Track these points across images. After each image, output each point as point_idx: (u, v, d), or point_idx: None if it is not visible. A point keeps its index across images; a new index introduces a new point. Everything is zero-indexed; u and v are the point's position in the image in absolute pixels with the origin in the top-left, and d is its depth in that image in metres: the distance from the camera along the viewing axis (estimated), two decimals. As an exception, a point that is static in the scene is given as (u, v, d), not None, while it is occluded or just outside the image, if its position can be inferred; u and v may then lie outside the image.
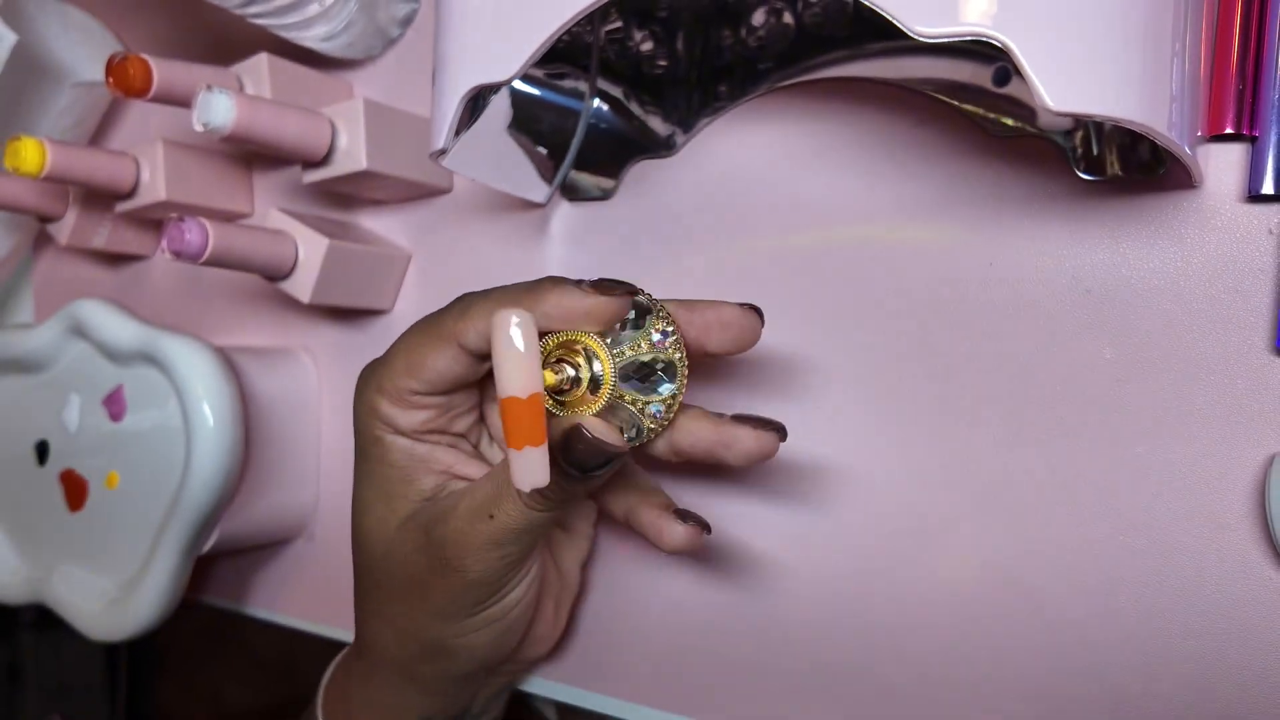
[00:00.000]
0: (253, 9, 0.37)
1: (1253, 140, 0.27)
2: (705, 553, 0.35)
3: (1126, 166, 0.28)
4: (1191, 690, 0.27)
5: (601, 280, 0.24)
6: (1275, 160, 0.26)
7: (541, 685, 0.39)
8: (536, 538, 0.28)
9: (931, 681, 0.31)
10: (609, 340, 0.25)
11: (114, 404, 0.43)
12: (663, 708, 0.36)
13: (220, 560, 0.50)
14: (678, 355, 0.26)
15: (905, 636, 0.32)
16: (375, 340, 0.44)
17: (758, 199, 0.35)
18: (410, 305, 0.43)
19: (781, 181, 0.34)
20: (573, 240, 0.39)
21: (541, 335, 0.24)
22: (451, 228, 0.42)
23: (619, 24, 0.36)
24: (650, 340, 0.25)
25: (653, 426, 0.26)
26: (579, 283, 0.24)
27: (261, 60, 0.41)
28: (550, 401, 0.26)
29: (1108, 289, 0.29)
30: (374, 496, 0.29)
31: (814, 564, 0.33)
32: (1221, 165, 0.27)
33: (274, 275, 0.40)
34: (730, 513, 0.35)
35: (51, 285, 0.59)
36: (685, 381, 0.26)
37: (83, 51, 0.49)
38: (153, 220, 0.51)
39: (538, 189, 0.37)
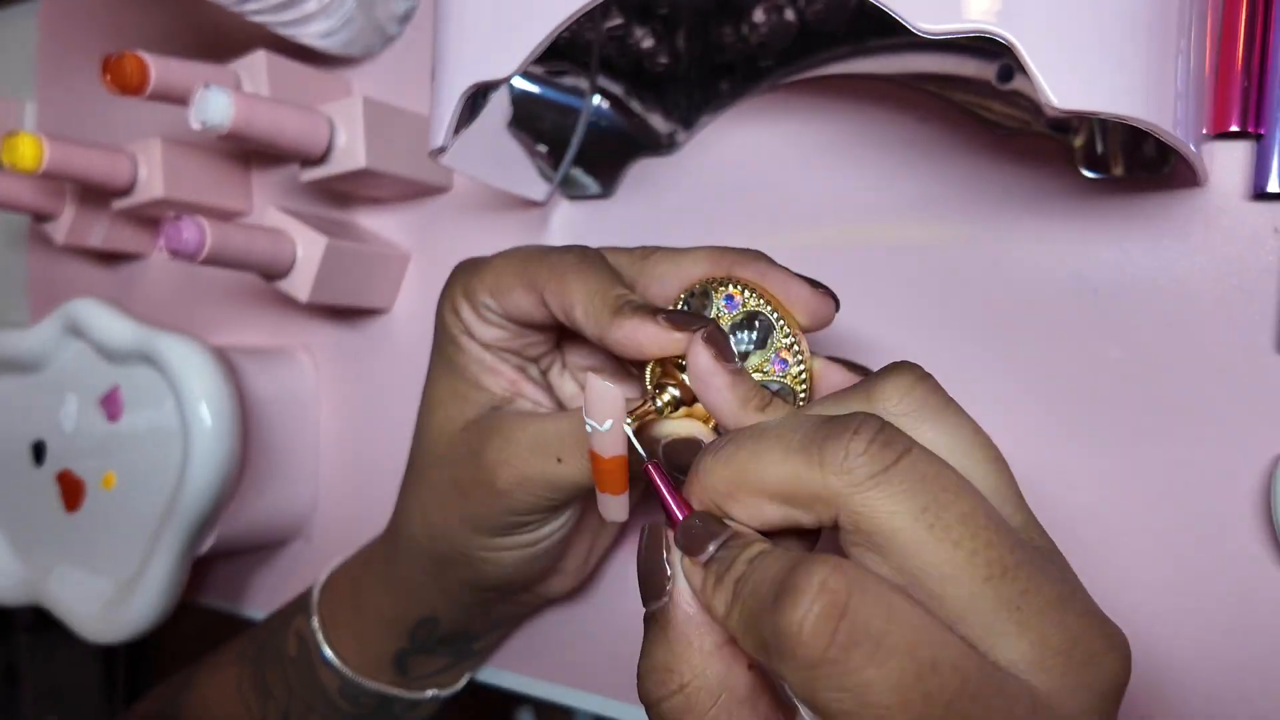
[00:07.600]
0: (250, 5, 0.37)
1: (1258, 138, 0.27)
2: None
3: (1131, 164, 0.28)
4: (1197, 691, 0.27)
5: (675, 314, 0.24)
6: (1281, 158, 0.26)
7: (543, 688, 0.39)
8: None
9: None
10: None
11: (111, 404, 0.43)
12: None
13: (218, 562, 0.49)
14: (799, 384, 0.25)
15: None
16: (374, 340, 0.44)
17: (759, 197, 0.34)
18: (409, 304, 0.43)
19: (783, 179, 0.34)
20: (573, 239, 0.38)
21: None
22: (451, 226, 0.42)
23: (620, 21, 0.36)
24: (770, 364, 0.25)
25: None
26: (655, 314, 0.24)
27: (259, 57, 0.40)
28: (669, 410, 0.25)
29: (1113, 288, 0.28)
30: (446, 394, 0.29)
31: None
32: (1227, 163, 0.27)
33: (272, 274, 0.40)
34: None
35: (48, 284, 0.59)
36: (808, 387, 0.25)
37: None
38: (150, 218, 0.51)
39: (537, 187, 0.37)
